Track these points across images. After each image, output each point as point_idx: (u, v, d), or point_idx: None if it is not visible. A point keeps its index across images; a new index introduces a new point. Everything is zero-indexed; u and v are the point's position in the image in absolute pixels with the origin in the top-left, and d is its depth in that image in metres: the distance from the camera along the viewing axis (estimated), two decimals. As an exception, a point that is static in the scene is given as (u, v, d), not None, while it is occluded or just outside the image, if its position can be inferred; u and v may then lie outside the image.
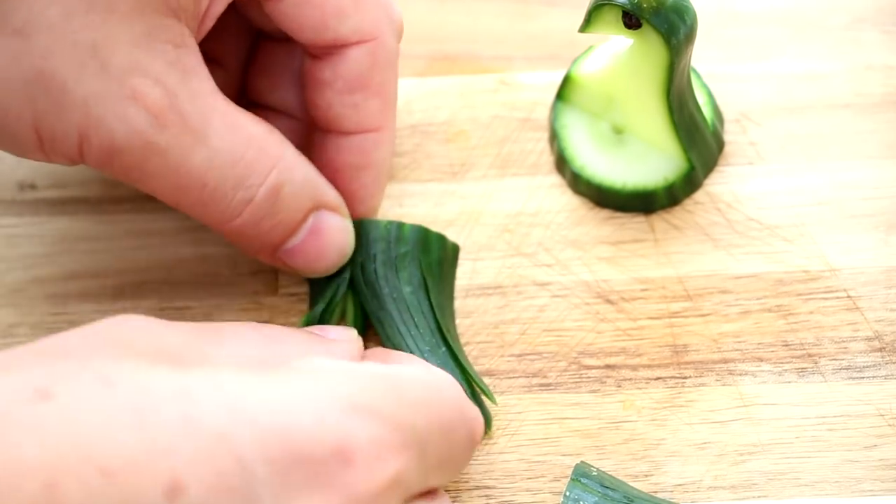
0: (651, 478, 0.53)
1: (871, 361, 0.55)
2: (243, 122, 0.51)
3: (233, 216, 0.51)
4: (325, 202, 0.54)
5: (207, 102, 0.50)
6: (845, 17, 0.64)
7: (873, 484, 0.53)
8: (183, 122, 0.49)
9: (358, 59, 0.53)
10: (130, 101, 0.48)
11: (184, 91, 0.49)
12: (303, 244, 0.54)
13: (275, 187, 0.51)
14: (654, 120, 0.58)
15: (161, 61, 0.49)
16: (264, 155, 0.51)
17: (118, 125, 0.48)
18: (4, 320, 0.58)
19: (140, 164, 0.49)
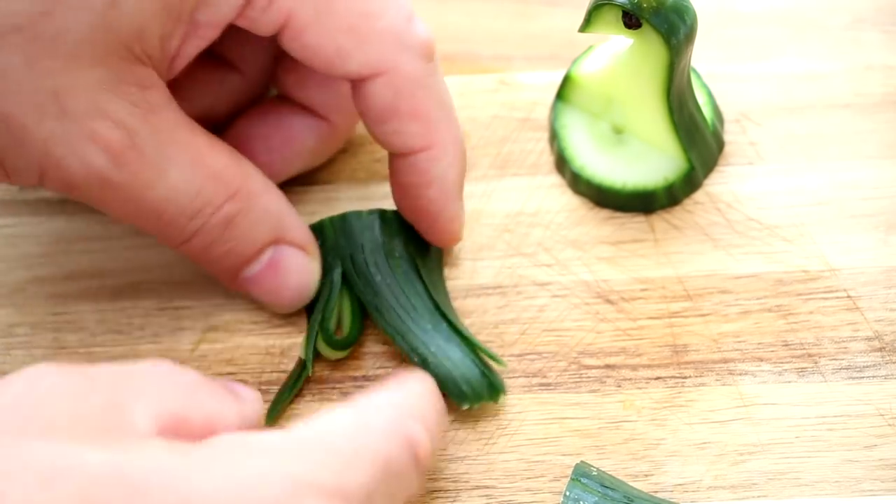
0: (651, 478, 0.53)
1: (871, 361, 0.55)
2: (205, 155, 0.52)
3: (183, 241, 0.53)
4: (288, 238, 0.54)
5: (170, 137, 0.51)
6: (845, 17, 0.64)
7: (873, 484, 0.53)
8: (142, 160, 0.50)
9: (377, 92, 0.53)
10: (89, 142, 0.49)
11: (145, 129, 0.50)
12: (259, 276, 0.54)
13: (227, 217, 0.52)
14: (654, 120, 0.58)
15: (124, 103, 0.50)
16: (221, 186, 0.52)
17: (76, 165, 0.50)
18: (4, 320, 0.58)
19: (98, 197, 0.51)
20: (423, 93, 0.53)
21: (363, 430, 0.44)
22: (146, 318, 0.58)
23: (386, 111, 0.53)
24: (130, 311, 0.58)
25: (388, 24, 0.52)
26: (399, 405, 0.46)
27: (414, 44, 0.53)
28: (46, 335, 0.57)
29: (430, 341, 0.55)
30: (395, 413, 0.46)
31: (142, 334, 0.57)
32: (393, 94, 0.53)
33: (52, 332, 0.57)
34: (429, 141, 0.54)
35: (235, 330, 0.57)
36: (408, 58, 0.53)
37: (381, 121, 0.53)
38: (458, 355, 0.55)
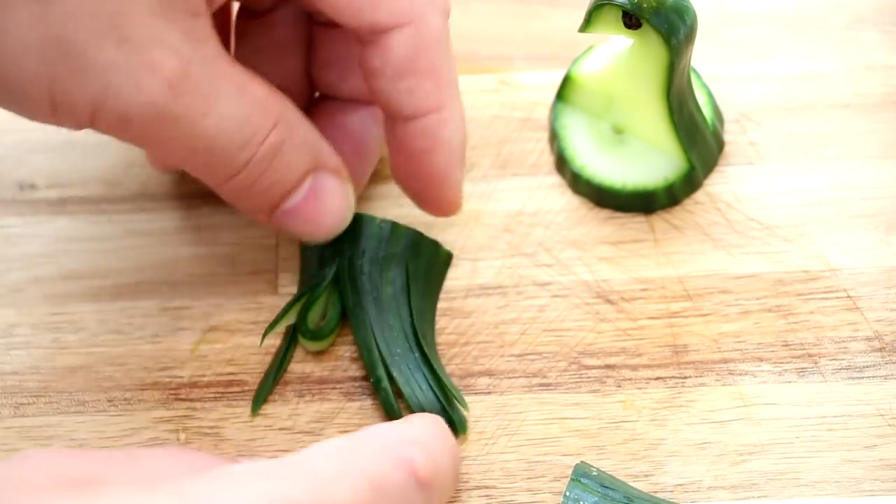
0: (651, 478, 0.53)
1: (871, 361, 0.55)
2: (248, 84, 0.51)
3: (234, 174, 0.52)
4: (325, 164, 0.54)
5: (217, 68, 0.50)
6: (845, 17, 0.64)
7: (873, 484, 0.53)
8: (196, 90, 0.49)
9: (401, 43, 0.52)
10: (149, 71, 0.48)
11: (197, 58, 0.49)
12: (300, 206, 0.54)
13: (274, 145, 0.52)
14: (654, 120, 0.58)
15: (178, 31, 0.49)
16: (267, 114, 0.51)
17: (135, 95, 0.48)
18: (4, 320, 0.58)
19: (152, 132, 0.50)
20: (442, 51, 0.53)
21: (351, 452, 0.44)
22: (146, 318, 0.58)
23: (405, 65, 0.52)
24: (130, 311, 0.58)
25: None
26: (397, 432, 0.46)
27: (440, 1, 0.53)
28: (46, 335, 0.57)
29: (395, 365, 0.55)
30: (392, 437, 0.46)
31: (142, 334, 0.57)
32: (415, 47, 0.52)
33: (52, 332, 0.57)
34: (440, 101, 0.53)
35: (235, 330, 0.57)
36: (432, 11, 0.52)
37: (398, 76, 0.53)
38: (422, 385, 0.55)
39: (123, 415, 0.56)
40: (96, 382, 0.56)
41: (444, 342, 0.57)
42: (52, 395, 0.56)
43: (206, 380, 0.56)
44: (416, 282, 0.56)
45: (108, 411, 0.56)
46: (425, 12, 0.52)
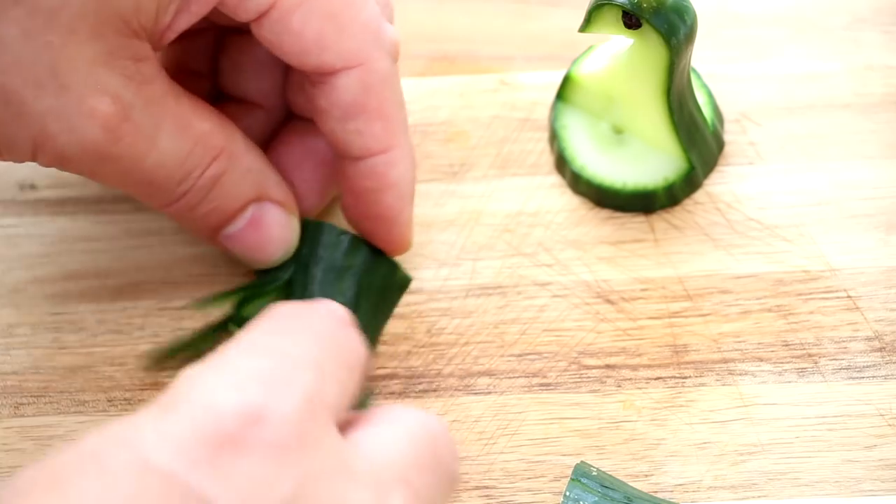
0: (651, 478, 0.53)
1: (871, 361, 0.55)
2: (191, 120, 0.52)
3: (172, 202, 0.53)
4: (269, 195, 0.55)
5: (161, 108, 0.51)
6: (845, 17, 0.64)
7: (873, 484, 0.53)
8: (136, 132, 0.51)
9: (348, 85, 0.53)
10: (86, 117, 0.50)
11: (139, 101, 0.51)
12: (241, 233, 0.55)
13: (213, 177, 0.53)
14: (654, 120, 0.58)
15: (119, 76, 0.50)
16: (208, 148, 0.53)
17: (72, 139, 0.50)
18: (4, 320, 0.58)
19: (92, 170, 0.52)
20: (390, 92, 0.54)
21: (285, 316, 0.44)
22: (146, 318, 0.58)
23: (353, 107, 0.53)
24: (130, 311, 0.58)
25: (368, 18, 0.52)
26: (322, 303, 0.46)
27: (386, 41, 0.53)
28: (46, 335, 0.57)
29: None
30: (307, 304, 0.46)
31: (142, 334, 0.57)
32: (363, 89, 0.53)
33: (52, 332, 0.57)
34: (389, 143, 0.54)
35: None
36: (379, 54, 0.53)
37: (346, 118, 0.54)
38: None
39: (123, 415, 0.55)
40: (96, 382, 0.56)
41: (444, 342, 0.57)
42: (52, 395, 0.56)
43: (206, 380, 0.56)
44: (367, 298, 0.56)
45: (108, 411, 0.56)
46: (372, 55, 0.53)
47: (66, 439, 0.55)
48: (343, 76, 0.53)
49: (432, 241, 0.59)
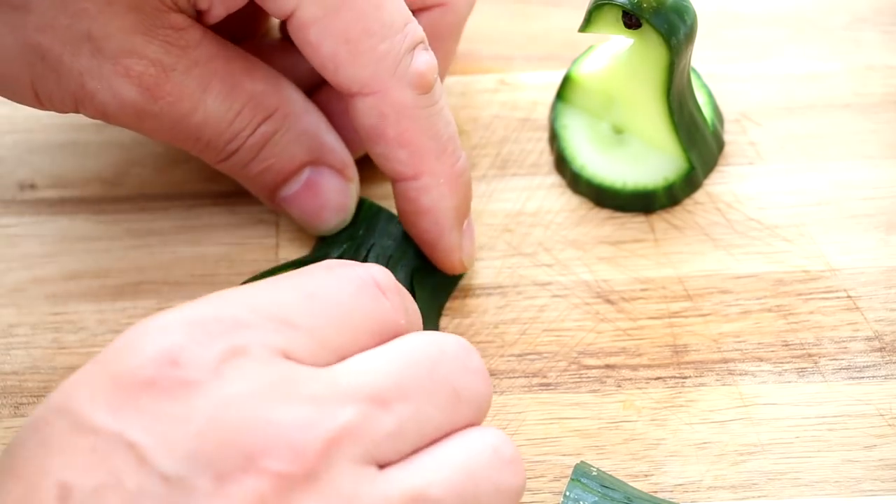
0: (651, 478, 0.53)
1: (871, 361, 0.55)
2: (242, 81, 0.53)
3: (223, 158, 0.54)
4: (326, 160, 0.55)
5: (208, 69, 0.52)
6: (845, 17, 0.64)
7: (873, 484, 0.53)
8: (179, 92, 0.52)
9: (364, 110, 0.53)
10: (122, 77, 0.51)
11: (182, 63, 0.52)
12: (297, 195, 0.56)
13: (264, 135, 0.54)
14: (654, 120, 0.58)
15: (157, 42, 0.51)
16: (259, 108, 0.54)
17: (110, 98, 0.51)
18: (4, 320, 0.58)
19: (135, 123, 0.53)
20: (410, 122, 0.53)
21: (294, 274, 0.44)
22: (146, 318, 0.58)
23: (372, 132, 0.53)
24: (130, 311, 0.58)
25: (387, 49, 0.52)
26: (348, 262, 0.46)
27: (408, 74, 0.52)
28: (46, 335, 0.57)
29: None
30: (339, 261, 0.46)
31: (142, 334, 0.57)
32: (379, 117, 0.53)
33: (52, 332, 0.57)
34: (416, 170, 0.54)
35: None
36: (397, 85, 0.52)
37: (370, 141, 0.54)
38: None
39: (123, 415, 0.56)
40: (96, 382, 0.56)
41: (444, 342, 0.57)
42: (52, 395, 0.56)
43: (206, 380, 0.56)
44: (419, 294, 0.56)
45: (108, 411, 0.56)
46: (388, 85, 0.52)
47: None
48: (358, 100, 0.53)
49: (432, 241, 0.59)
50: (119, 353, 0.41)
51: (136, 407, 0.40)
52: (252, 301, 0.42)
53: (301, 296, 0.43)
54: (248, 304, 0.42)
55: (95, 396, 0.40)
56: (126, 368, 0.40)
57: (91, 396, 0.40)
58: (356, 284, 0.44)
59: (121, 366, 0.41)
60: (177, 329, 0.41)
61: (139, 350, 0.41)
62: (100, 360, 0.41)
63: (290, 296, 0.43)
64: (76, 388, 0.41)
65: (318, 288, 0.43)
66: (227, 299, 0.43)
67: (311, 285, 0.44)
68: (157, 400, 0.40)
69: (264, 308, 0.42)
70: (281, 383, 0.41)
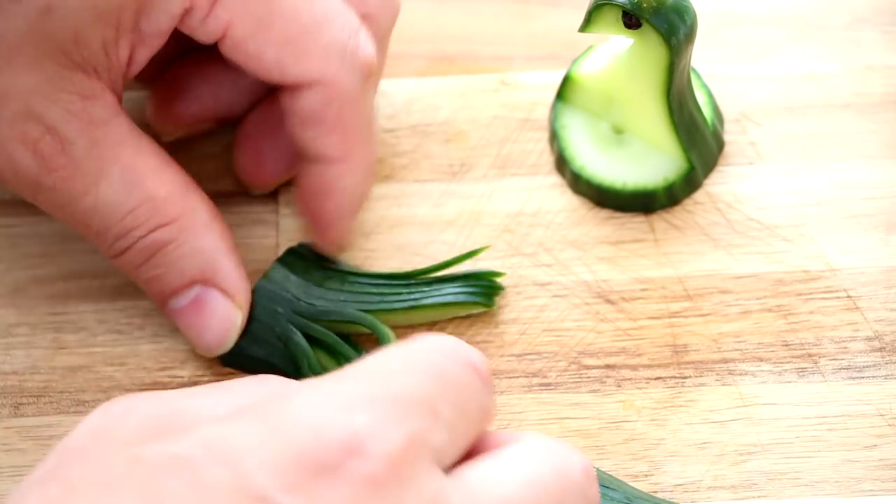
0: (651, 478, 0.53)
1: (871, 361, 0.55)
2: (146, 179, 0.52)
3: (113, 255, 0.53)
4: (217, 281, 0.54)
5: (111, 153, 0.51)
6: (845, 17, 0.64)
7: (873, 484, 0.53)
8: (74, 169, 0.51)
9: (308, 99, 0.53)
10: (18, 143, 0.50)
11: (82, 139, 0.50)
12: (184, 311, 0.54)
13: (157, 243, 0.53)
14: (654, 120, 0.58)
15: (60, 111, 0.50)
16: (158, 213, 0.52)
17: (6, 164, 0.51)
18: (4, 320, 0.58)
19: (31, 194, 0.52)
20: (352, 109, 0.54)
21: (411, 351, 0.43)
22: (146, 318, 0.58)
23: (312, 118, 0.53)
24: (130, 311, 0.58)
25: (330, 41, 0.52)
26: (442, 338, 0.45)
27: (354, 60, 0.53)
28: (46, 335, 0.57)
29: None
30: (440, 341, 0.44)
31: (142, 334, 0.57)
32: (322, 104, 0.53)
33: (52, 332, 0.57)
34: (343, 154, 0.54)
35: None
36: (346, 73, 0.53)
37: (305, 126, 0.54)
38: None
39: (123, 415, 0.56)
40: (96, 382, 0.56)
41: (444, 342, 0.57)
42: (52, 395, 0.56)
43: (206, 380, 0.56)
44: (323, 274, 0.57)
45: (108, 411, 0.56)
46: (337, 73, 0.53)
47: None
48: (305, 91, 0.53)
49: (432, 241, 0.59)
50: (297, 422, 0.40)
51: (309, 488, 0.39)
52: (408, 387, 0.41)
53: (438, 381, 0.42)
54: (407, 389, 0.41)
55: (267, 462, 0.39)
56: (307, 444, 0.39)
57: (262, 460, 0.39)
58: (467, 369, 0.43)
59: (301, 438, 0.39)
60: (359, 414, 0.40)
61: (322, 427, 0.39)
62: (271, 420, 0.40)
63: (430, 380, 0.42)
64: (244, 442, 0.39)
65: (445, 372, 0.42)
66: (383, 380, 0.41)
67: (439, 368, 0.42)
68: (334, 487, 0.39)
69: (418, 394, 0.41)
70: (439, 497, 0.40)
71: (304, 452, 0.39)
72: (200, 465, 0.39)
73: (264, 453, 0.39)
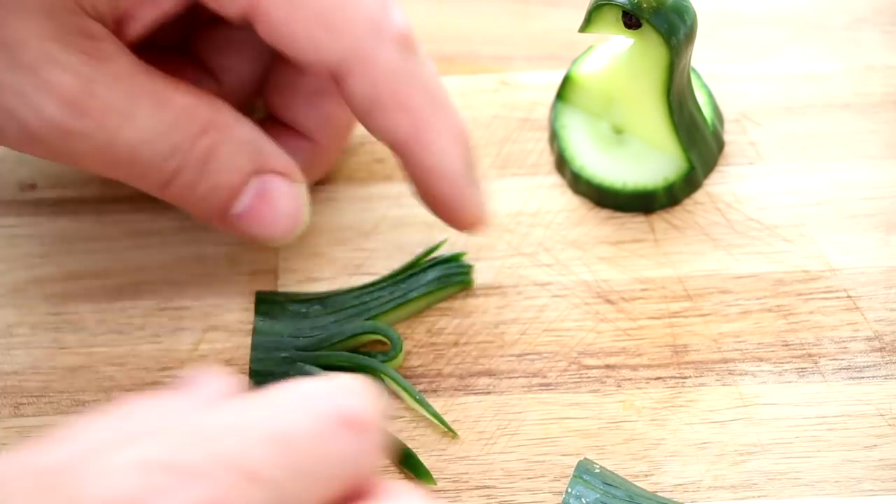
0: (651, 478, 0.53)
1: (871, 361, 0.55)
2: (170, 95, 0.51)
3: (166, 181, 0.52)
4: (270, 165, 0.53)
5: (133, 82, 0.50)
6: (845, 17, 0.64)
7: (873, 484, 0.53)
8: (104, 106, 0.50)
9: (357, 85, 0.51)
10: (45, 92, 0.49)
11: (103, 76, 0.50)
12: (250, 209, 0.53)
13: (206, 151, 0.52)
14: (654, 120, 0.58)
15: (76, 52, 0.49)
16: (194, 122, 0.51)
17: (33, 115, 0.49)
18: (4, 320, 0.58)
19: (62, 148, 0.50)
20: (404, 82, 0.51)
21: (257, 406, 0.40)
22: (146, 318, 0.58)
23: (368, 104, 0.51)
24: (130, 311, 0.58)
25: (363, 14, 0.51)
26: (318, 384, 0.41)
27: (390, 33, 0.51)
28: (46, 335, 0.57)
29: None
30: (312, 386, 0.41)
31: (142, 334, 0.57)
32: (372, 86, 0.51)
33: (52, 332, 0.57)
34: (416, 129, 0.52)
35: (235, 330, 0.57)
36: (383, 48, 0.51)
37: (366, 114, 0.52)
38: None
39: (123, 415, 0.56)
40: (96, 382, 0.56)
41: (443, 342, 0.57)
42: (52, 395, 0.56)
43: (206, 380, 0.56)
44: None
45: (108, 411, 0.56)
46: (373, 50, 0.51)
47: (66, 439, 0.55)
48: (350, 78, 0.51)
49: (432, 241, 0.59)
50: (64, 481, 0.37)
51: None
52: (214, 446, 0.38)
53: (267, 440, 0.38)
54: (210, 450, 0.38)
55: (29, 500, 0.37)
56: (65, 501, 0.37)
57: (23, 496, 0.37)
58: (328, 423, 0.39)
59: (72, 496, 0.37)
60: (126, 476, 0.37)
61: (85, 490, 0.37)
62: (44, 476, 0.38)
63: (255, 439, 0.38)
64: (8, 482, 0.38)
65: (287, 430, 0.39)
66: (188, 438, 0.38)
67: (279, 425, 0.39)
68: None
69: (228, 455, 0.38)
70: None
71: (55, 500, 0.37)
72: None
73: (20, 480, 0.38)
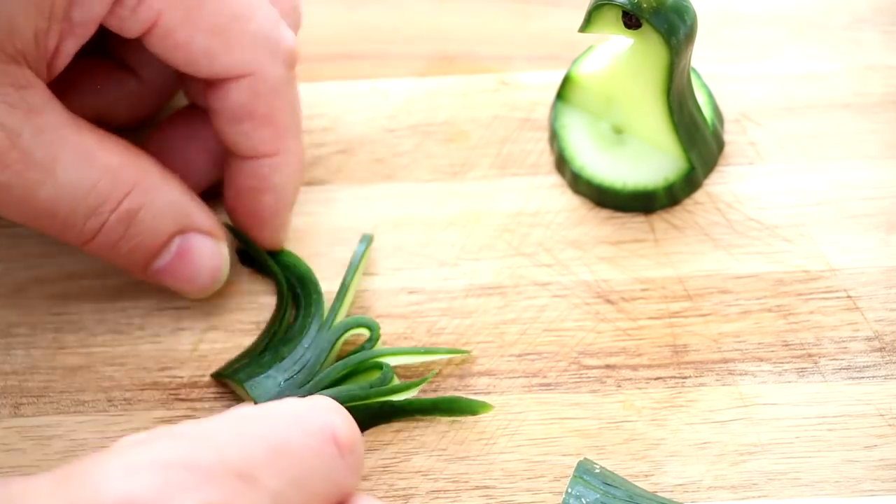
0: (651, 478, 0.53)
1: (871, 361, 0.55)
2: (96, 152, 0.52)
3: (86, 240, 0.53)
4: (193, 226, 0.54)
5: (56, 136, 0.51)
6: (845, 17, 0.64)
7: (873, 484, 0.53)
8: (26, 160, 0.50)
9: (238, 92, 0.53)
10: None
11: (28, 129, 0.50)
12: (170, 266, 0.55)
13: (129, 212, 0.53)
14: (654, 120, 0.58)
15: (1, 103, 0.49)
16: (118, 182, 0.52)
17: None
18: (4, 320, 0.58)
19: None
20: (281, 100, 0.54)
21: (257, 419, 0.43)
22: (146, 318, 0.58)
23: (241, 113, 0.53)
24: (130, 311, 0.58)
25: (258, 28, 0.53)
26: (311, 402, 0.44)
27: (280, 50, 0.53)
28: (46, 335, 0.57)
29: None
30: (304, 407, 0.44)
31: (142, 334, 0.57)
32: (252, 96, 0.53)
33: (52, 332, 0.57)
34: (276, 147, 0.54)
35: (235, 330, 0.57)
36: (273, 63, 0.53)
37: (235, 121, 0.54)
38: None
39: (123, 415, 0.56)
40: (96, 382, 0.56)
41: (443, 342, 0.57)
42: (52, 395, 0.56)
43: (206, 380, 0.56)
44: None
45: (108, 411, 0.56)
46: (263, 64, 0.53)
47: (66, 439, 0.55)
48: (233, 84, 0.53)
49: (432, 241, 0.59)
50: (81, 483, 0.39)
51: None
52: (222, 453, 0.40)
53: (268, 450, 0.41)
54: (218, 455, 0.40)
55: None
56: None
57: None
58: (319, 440, 0.42)
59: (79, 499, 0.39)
60: (145, 475, 0.39)
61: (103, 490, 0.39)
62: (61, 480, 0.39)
63: (258, 448, 0.41)
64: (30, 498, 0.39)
65: (285, 442, 0.42)
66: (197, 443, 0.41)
67: (278, 437, 0.42)
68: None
69: (233, 460, 0.40)
70: None
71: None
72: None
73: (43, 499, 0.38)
